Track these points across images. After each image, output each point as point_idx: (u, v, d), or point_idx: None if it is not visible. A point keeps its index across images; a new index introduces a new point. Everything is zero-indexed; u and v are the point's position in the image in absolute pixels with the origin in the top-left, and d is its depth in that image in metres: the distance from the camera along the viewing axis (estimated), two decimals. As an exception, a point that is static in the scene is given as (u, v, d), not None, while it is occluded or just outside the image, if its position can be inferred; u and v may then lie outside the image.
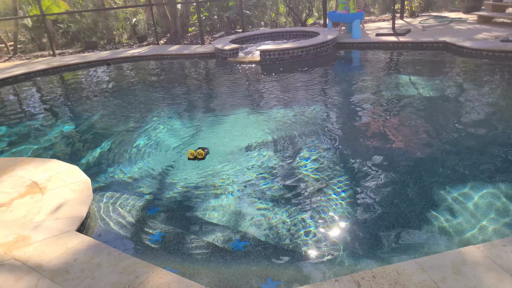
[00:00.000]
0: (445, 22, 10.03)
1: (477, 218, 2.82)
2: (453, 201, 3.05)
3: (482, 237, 2.63)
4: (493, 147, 3.84)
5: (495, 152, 3.74)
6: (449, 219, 2.85)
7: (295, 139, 4.41)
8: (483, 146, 3.89)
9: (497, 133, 4.18)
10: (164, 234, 3.00)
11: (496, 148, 3.81)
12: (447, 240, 2.65)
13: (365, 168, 3.64)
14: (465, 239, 2.64)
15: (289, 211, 3.11)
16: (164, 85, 7.51)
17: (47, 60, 10.31)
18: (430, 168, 3.57)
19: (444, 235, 2.69)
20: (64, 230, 2.73)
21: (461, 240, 2.62)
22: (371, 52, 8.41)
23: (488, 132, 4.21)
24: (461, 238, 2.65)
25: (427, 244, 2.63)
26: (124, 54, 10.09)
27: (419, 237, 2.70)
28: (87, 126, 5.54)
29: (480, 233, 2.67)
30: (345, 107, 5.38)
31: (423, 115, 4.84)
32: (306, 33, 9.94)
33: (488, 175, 3.36)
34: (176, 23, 13.09)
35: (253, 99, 6.20)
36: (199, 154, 4.09)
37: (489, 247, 2.25)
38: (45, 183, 3.40)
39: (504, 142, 3.93)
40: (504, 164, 3.51)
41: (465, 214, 2.89)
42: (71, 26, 14.61)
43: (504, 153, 3.70)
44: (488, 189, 3.14)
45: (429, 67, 7.04)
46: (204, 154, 4.11)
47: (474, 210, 2.92)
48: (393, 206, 3.07)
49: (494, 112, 4.75)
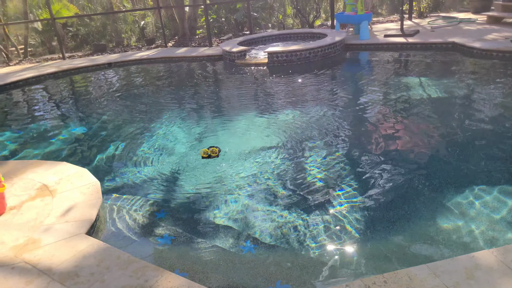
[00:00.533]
0: (454, 23, 9.93)
1: (490, 222, 2.77)
2: (466, 204, 3.00)
3: (496, 241, 2.58)
4: (506, 148, 3.78)
5: (508, 153, 3.68)
6: (462, 223, 2.80)
7: (303, 141, 4.39)
8: (495, 147, 3.83)
9: (509, 135, 4.11)
10: (173, 237, 3.00)
11: (509, 149, 3.74)
12: (460, 244, 2.60)
13: (376, 170, 3.60)
14: (478, 243, 2.59)
15: (298, 214, 3.09)
16: (172, 88, 7.54)
17: (57, 63, 10.43)
18: (441, 170, 3.53)
19: (456, 239, 2.65)
20: (73, 233, 2.75)
21: (474, 244, 2.58)
22: (379, 54, 8.35)
23: (500, 134, 4.15)
24: (474, 242, 2.61)
25: (439, 248, 2.58)
26: (132, 57, 10.16)
27: (431, 240, 2.66)
28: (96, 129, 5.58)
29: (493, 237, 2.62)
30: (353, 109, 5.34)
31: (433, 117, 4.78)
32: (314, 34, 9.91)
33: (501, 177, 3.30)
34: (184, 25, 13.15)
35: (261, 101, 6.19)
36: (213, 152, 4.11)
37: (503, 251, 2.20)
38: (55, 186, 3.42)
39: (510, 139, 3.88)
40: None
41: (478, 217, 2.84)
42: (80, 29, 14.77)
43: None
44: (501, 192, 3.09)
45: (439, 68, 6.97)
46: (218, 152, 4.14)
47: (487, 213, 2.87)
48: (404, 209, 3.03)
49: (506, 114, 4.67)
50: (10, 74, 9.21)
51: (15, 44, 13.45)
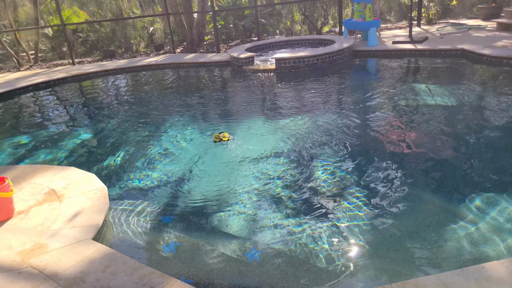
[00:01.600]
0: (463, 30, 9.87)
1: (501, 232, 2.72)
2: (475, 213, 2.95)
3: (507, 252, 2.53)
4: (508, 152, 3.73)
5: None
6: (472, 232, 2.75)
7: (311, 148, 4.36)
8: (506, 155, 3.77)
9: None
10: (179, 244, 2.99)
11: None
12: (470, 254, 2.56)
13: (384, 178, 3.56)
14: (488, 253, 2.54)
15: (305, 222, 3.07)
16: (180, 93, 7.57)
17: (66, 69, 10.56)
18: (451, 178, 3.48)
19: (466, 249, 2.60)
20: (80, 239, 2.75)
21: (484, 255, 2.53)
22: (388, 60, 8.32)
23: (504, 140, 4.09)
24: (484, 252, 2.56)
25: (449, 258, 2.54)
26: (141, 63, 10.24)
27: (440, 250, 2.62)
28: (105, 134, 5.61)
29: (504, 248, 2.57)
30: (361, 116, 5.31)
31: (443, 124, 4.73)
32: (322, 41, 9.91)
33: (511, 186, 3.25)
34: (193, 32, 13.24)
35: (268, 107, 6.19)
36: (224, 137, 4.51)
37: None
38: (62, 191, 3.44)
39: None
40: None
41: (489, 227, 2.79)
42: (90, 35, 14.97)
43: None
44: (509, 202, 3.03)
45: (448, 75, 6.91)
46: (228, 137, 4.52)
47: (498, 223, 2.81)
48: (412, 218, 2.99)
49: (517, 122, 4.61)
50: (21, 79, 9.35)
51: (26, 50, 13.65)
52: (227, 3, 14.38)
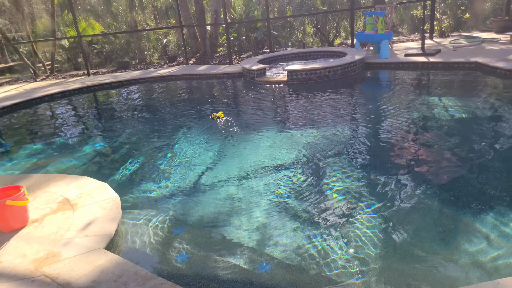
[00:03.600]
0: (476, 42, 9.80)
1: (519, 250, 2.65)
2: (491, 228, 2.89)
3: None
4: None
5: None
6: (485, 247, 2.69)
7: (323, 160, 4.34)
8: None
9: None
10: (190, 255, 2.98)
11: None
12: (483, 270, 2.49)
13: (397, 192, 3.52)
14: (503, 269, 2.47)
15: (317, 234, 3.04)
16: (193, 105, 7.65)
17: (81, 79, 10.77)
18: (466, 192, 3.42)
19: (480, 264, 2.54)
20: (93, 248, 2.77)
21: (499, 270, 2.46)
22: (400, 73, 8.29)
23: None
24: (499, 268, 2.49)
25: (464, 273, 2.48)
26: (154, 74, 10.40)
27: (453, 265, 2.56)
28: (118, 144, 5.68)
29: (523, 266, 2.50)
30: (374, 129, 5.28)
31: (457, 138, 4.67)
32: (334, 53, 9.94)
33: None
34: (205, 43, 13.44)
35: (280, 119, 6.20)
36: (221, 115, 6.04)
37: None
38: (76, 200, 3.48)
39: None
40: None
41: (503, 242, 2.72)
42: (105, 47, 15.30)
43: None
44: None
45: (462, 88, 6.85)
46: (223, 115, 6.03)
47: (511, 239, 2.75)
48: (425, 232, 2.93)
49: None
50: (37, 89, 9.56)
51: (42, 60, 14.01)
52: (240, 16, 14.59)
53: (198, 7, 13.51)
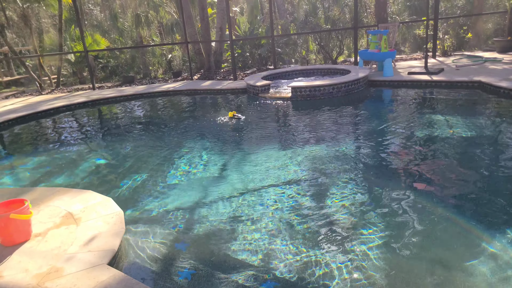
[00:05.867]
0: (479, 62, 9.87)
1: (529, 272, 2.61)
2: (495, 249, 2.84)
3: None
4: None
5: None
6: (492, 270, 2.64)
7: (327, 177, 4.32)
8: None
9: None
10: (193, 271, 2.94)
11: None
12: None
13: (401, 210, 3.49)
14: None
15: (322, 253, 2.99)
16: (198, 119, 7.68)
17: (86, 93, 10.87)
18: (470, 212, 3.38)
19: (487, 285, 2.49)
20: (96, 263, 2.74)
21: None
22: (403, 91, 8.33)
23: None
24: None
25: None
26: (159, 89, 10.49)
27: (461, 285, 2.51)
28: (122, 158, 5.68)
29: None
30: (377, 147, 5.27)
31: (461, 157, 4.66)
32: (337, 70, 10.02)
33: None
34: (210, 59, 13.58)
35: (283, 135, 6.21)
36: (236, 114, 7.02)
37: None
38: (80, 214, 3.46)
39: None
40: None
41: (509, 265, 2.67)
42: (110, 61, 15.49)
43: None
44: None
45: (465, 107, 6.86)
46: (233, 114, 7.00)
47: (525, 263, 2.70)
48: (429, 252, 2.89)
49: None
50: (42, 103, 9.64)
51: (48, 74, 14.17)
52: (245, 33, 14.79)
53: (203, 23, 13.72)
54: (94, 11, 19.79)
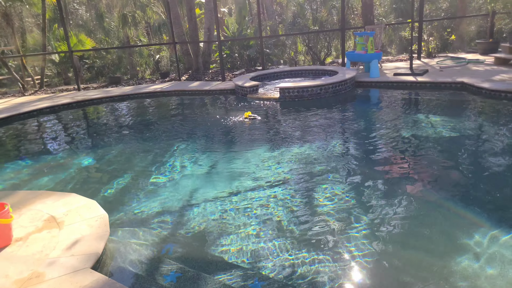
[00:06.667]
0: (462, 63, 10.04)
1: (505, 267, 2.64)
2: (480, 247, 2.88)
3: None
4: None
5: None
6: (474, 266, 2.67)
7: (314, 178, 4.33)
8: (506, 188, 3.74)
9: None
10: (179, 274, 2.90)
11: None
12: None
13: (387, 210, 3.51)
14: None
15: (310, 252, 2.99)
16: (184, 121, 7.62)
17: (71, 94, 10.69)
18: (452, 210, 3.43)
19: (469, 284, 2.52)
20: (79, 268, 2.68)
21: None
22: (389, 92, 8.42)
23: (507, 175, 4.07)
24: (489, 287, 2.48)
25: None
26: (146, 90, 10.38)
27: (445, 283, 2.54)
28: (107, 161, 5.60)
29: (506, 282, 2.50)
30: (364, 147, 5.31)
31: (445, 156, 4.72)
32: (325, 71, 10.08)
33: None
34: (198, 60, 13.52)
35: (271, 136, 6.20)
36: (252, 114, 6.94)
37: None
38: (62, 218, 3.38)
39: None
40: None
41: (493, 262, 2.71)
42: (96, 62, 15.28)
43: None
44: None
45: (449, 108, 6.97)
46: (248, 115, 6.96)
47: (502, 258, 2.74)
48: (415, 251, 2.92)
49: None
50: (25, 104, 9.44)
51: (32, 75, 13.89)
52: (233, 33, 14.77)
53: (191, 24, 13.64)
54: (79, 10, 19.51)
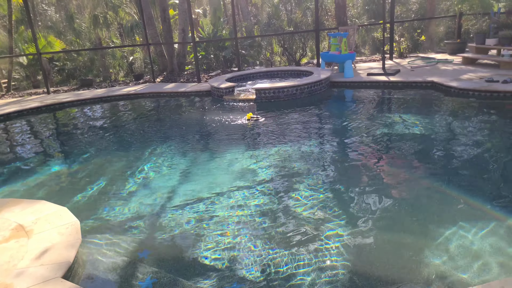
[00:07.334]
0: (432, 63, 10.36)
1: (473, 258, 2.74)
2: (448, 240, 2.97)
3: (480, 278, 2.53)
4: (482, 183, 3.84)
5: (485, 189, 3.74)
6: (446, 260, 2.75)
7: (291, 177, 4.35)
8: (473, 180, 3.88)
9: (485, 168, 4.18)
10: (155, 280, 2.85)
11: (485, 185, 3.80)
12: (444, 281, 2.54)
13: (360, 206, 3.57)
14: (463, 280, 2.53)
15: (288, 253, 2.99)
16: (160, 124, 7.51)
17: (40, 98, 10.33)
18: (423, 205, 3.52)
19: (440, 276, 2.59)
20: (49, 277, 2.58)
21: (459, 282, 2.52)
22: (363, 91, 8.58)
23: (476, 169, 4.22)
24: (459, 279, 2.55)
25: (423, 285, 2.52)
26: (120, 92, 10.16)
27: (414, 278, 2.59)
28: (79, 166, 5.44)
29: (477, 274, 2.58)
30: (339, 145, 5.39)
31: (416, 152, 4.85)
32: (301, 72, 10.16)
33: (479, 213, 3.32)
34: (173, 61, 13.35)
35: (248, 137, 6.19)
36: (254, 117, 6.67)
37: None
38: (31, 226, 3.25)
39: (493, 178, 3.94)
40: (495, 201, 3.48)
41: (461, 254, 2.80)
42: (67, 64, 14.84)
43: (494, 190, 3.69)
44: (481, 227, 3.08)
45: (419, 106, 7.18)
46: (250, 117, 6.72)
47: (469, 250, 2.84)
48: (387, 245, 2.98)
49: (482, 149, 4.78)
50: (-8, 108, 9.05)
51: (-1, 78, 13.35)
52: (208, 35, 14.68)
53: (165, 25, 13.47)
54: (48, 11, 18.91)
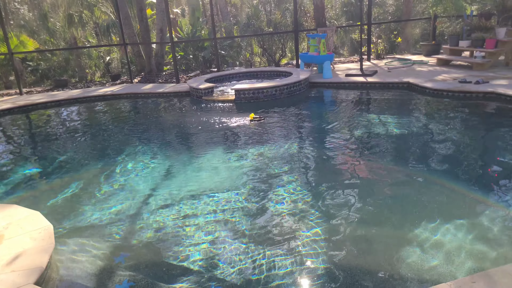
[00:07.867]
0: (408, 64, 10.60)
1: (446, 255, 2.81)
2: (423, 238, 3.04)
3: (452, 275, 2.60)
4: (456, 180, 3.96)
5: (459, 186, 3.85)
6: (420, 257, 2.82)
7: (269, 178, 4.35)
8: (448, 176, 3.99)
9: (459, 165, 4.31)
10: (132, 283, 2.79)
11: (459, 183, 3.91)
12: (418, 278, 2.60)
13: (338, 206, 3.61)
14: (435, 276, 2.60)
15: (266, 253, 2.99)
16: (136, 125, 7.39)
17: (12, 99, 9.99)
18: (398, 204, 3.60)
19: (414, 273, 2.65)
20: (21, 284, 2.49)
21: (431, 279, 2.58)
22: (341, 92, 8.70)
23: (450, 166, 4.35)
24: (432, 276, 2.61)
25: (398, 282, 2.56)
26: (96, 93, 9.94)
27: (390, 275, 2.64)
28: (53, 169, 5.28)
29: (449, 270, 2.65)
30: (317, 145, 5.43)
31: (392, 151, 4.95)
32: (280, 73, 10.21)
33: (454, 210, 3.41)
34: (151, 62, 13.17)
35: (227, 138, 6.17)
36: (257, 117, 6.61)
37: (460, 284, 2.23)
38: (2, 231, 3.14)
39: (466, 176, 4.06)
40: (467, 200, 3.59)
41: (435, 251, 2.87)
42: (40, 64, 14.39)
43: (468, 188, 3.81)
44: (455, 225, 3.16)
45: (396, 106, 7.33)
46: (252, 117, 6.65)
47: (443, 247, 2.91)
48: (363, 242, 3.02)
49: (456, 147, 4.93)
50: (-39, 109, 8.69)
51: (-32, 79, 12.84)
52: (187, 35, 14.55)
53: (142, 25, 13.27)
54: (20, 10, 18.32)
